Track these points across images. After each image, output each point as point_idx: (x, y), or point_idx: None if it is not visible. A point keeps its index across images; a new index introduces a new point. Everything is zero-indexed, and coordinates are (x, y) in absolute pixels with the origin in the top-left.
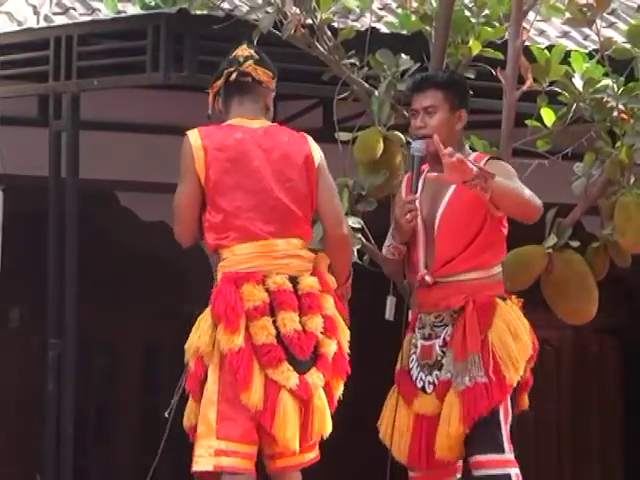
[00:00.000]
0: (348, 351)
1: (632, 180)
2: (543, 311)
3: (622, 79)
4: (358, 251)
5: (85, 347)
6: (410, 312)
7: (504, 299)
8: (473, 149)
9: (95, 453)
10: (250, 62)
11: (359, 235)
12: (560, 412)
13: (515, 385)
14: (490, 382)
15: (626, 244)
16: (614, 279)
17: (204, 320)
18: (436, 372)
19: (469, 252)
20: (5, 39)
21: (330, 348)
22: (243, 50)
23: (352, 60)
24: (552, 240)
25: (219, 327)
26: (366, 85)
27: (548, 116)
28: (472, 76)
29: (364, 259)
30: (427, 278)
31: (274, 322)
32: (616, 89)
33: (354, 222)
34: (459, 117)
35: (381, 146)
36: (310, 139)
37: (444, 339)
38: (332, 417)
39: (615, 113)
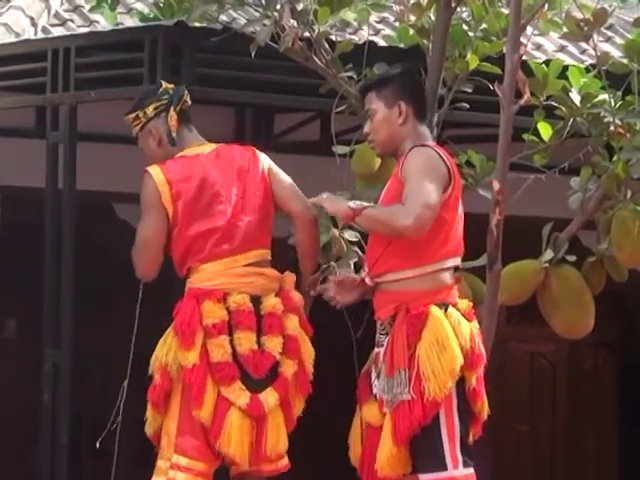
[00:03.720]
0: (311, 370)
1: (629, 195)
2: (539, 325)
3: (619, 94)
4: (355, 264)
5: (81, 358)
6: None
7: (445, 306)
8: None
9: (89, 464)
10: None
11: (356, 248)
12: (555, 425)
13: (440, 400)
14: (413, 399)
15: (623, 259)
16: (610, 294)
17: (170, 335)
18: (379, 382)
19: (392, 248)
20: (3, 50)
21: (289, 368)
22: (169, 82)
23: (349, 73)
24: (548, 255)
25: (175, 341)
26: None
27: (545, 130)
28: (469, 90)
29: (360, 272)
30: (367, 280)
31: (231, 341)
32: (613, 104)
33: (351, 235)
34: (399, 110)
35: (378, 159)
36: (256, 150)
37: (385, 348)
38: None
39: (612, 128)
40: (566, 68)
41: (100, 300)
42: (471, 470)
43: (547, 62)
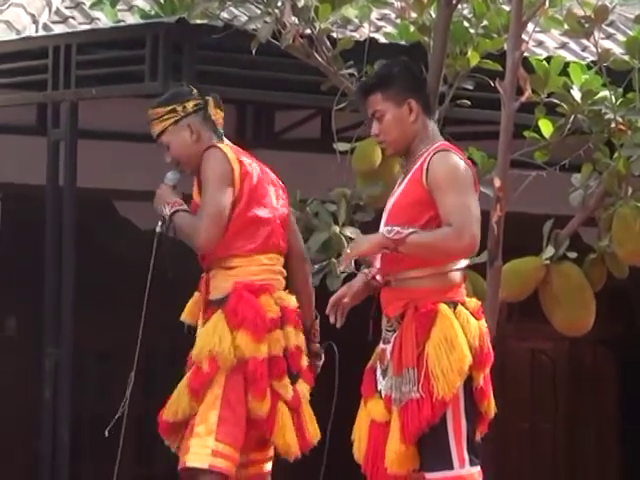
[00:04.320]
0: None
1: (630, 192)
2: (540, 322)
3: (620, 90)
4: (355, 262)
5: (80, 356)
6: None
7: (454, 304)
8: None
9: (90, 462)
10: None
11: None
12: (556, 422)
13: (448, 399)
14: (422, 398)
15: (623, 255)
16: (611, 290)
17: (221, 323)
18: (386, 379)
19: None
20: (4, 48)
21: (305, 361)
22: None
23: (350, 70)
24: (549, 252)
25: (241, 333)
26: None
27: (546, 127)
28: (470, 87)
29: (362, 268)
30: (377, 277)
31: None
32: (614, 101)
33: (352, 232)
34: (409, 108)
35: (379, 156)
36: None
37: (393, 346)
38: None
39: (613, 125)
40: (567, 65)
41: (100, 298)
42: (478, 468)
43: (548, 59)
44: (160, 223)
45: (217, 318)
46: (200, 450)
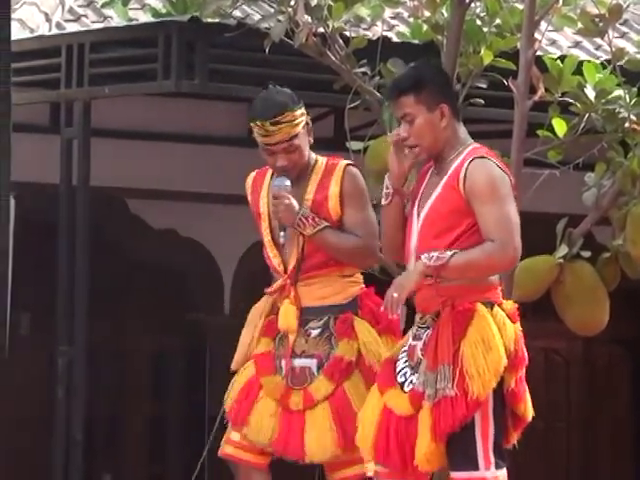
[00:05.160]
0: None
1: None
2: (553, 321)
3: (635, 90)
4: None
5: (94, 354)
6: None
7: (491, 305)
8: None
9: (104, 461)
10: None
11: None
12: (570, 422)
13: (482, 399)
14: (457, 396)
15: (637, 255)
16: (627, 290)
17: (367, 326)
18: (415, 375)
19: (447, 242)
20: (17, 46)
21: None
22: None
23: (363, 69)
24: (563, 250)
25: (385, 337)
26: (377, 94)
27: (560, 126)
28: (484, 86)
29: (375, 268)
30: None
31: None
32: (628, 100)
33: None
34: (441, 114)
35: None
36: None
37: (424, 342)
38: None
39: (627, 124)
40: (581, 64)
41: (113, 296)
42: (503, 472)
43: (562, 58)
44: (282, 233)
45: (360, 321)
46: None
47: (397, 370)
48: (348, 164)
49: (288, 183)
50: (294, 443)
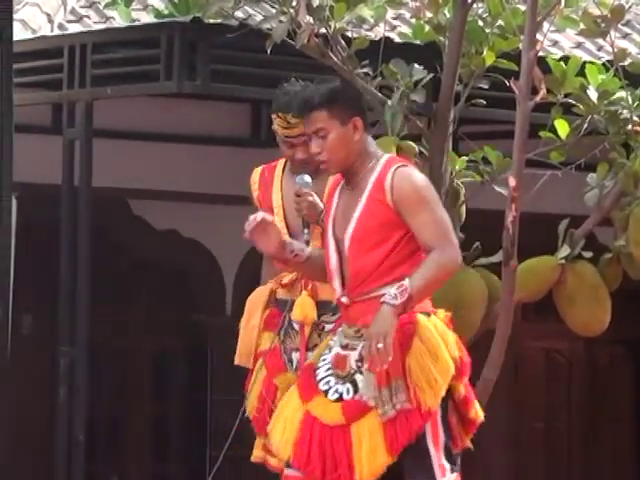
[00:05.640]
0: None
1: None
2: (555, 322)
3: (638, 92)
4: None
5: (96, 355)
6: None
7: (428, 314)
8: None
9: (106, 460)
10: None
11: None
12: (571, 423)
13: (435, 410)
14: (411, 409)
15: (639, 255)
16: (629, 291)
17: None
18: (348, 386)
19: (383, 268)
20: (19, 47)
21: None
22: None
23: (365, 70)
24: (564, 251)
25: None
26: (379, 95)
27: (562, 128)
28: (486, 86)
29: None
30: (343, 300)
31: None
32: (631, 101)
33: None
34: (354, 127)
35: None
36: None
37: (360, 354)
38: None
39: (629, 126)
40: (583, 65)
41: (115, 297)
42: (456, 475)
43: (564, 59)
44: (306, 230)
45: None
46: None
47: (318, 378)
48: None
49: (309, 180)
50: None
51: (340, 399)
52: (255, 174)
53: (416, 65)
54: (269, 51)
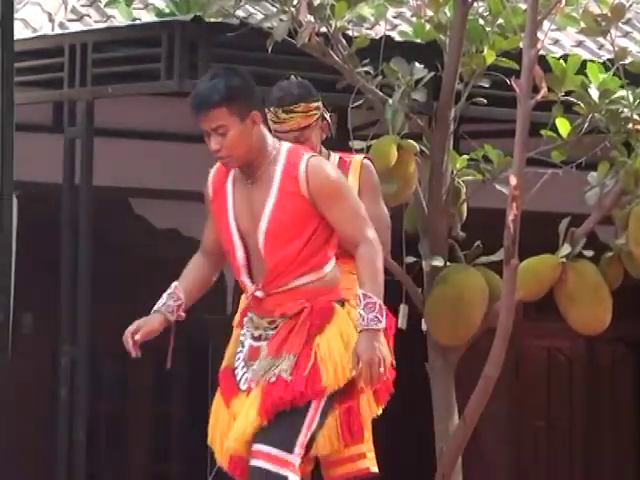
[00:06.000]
0: None
1: None
2: (556, 320)
3: (638, 91)
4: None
5: (96, 354)
6: (423, 321)
7: (342, 303)
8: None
9: (107, 460)
10: None
11: None
12: (572, 421)
13: (329, 391)
14: (295, 380)
15: None
16: (631, 289)
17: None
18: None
19: (301, 259)
20: (20, 46)
21: None
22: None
23: (366, 68)
24: (565, 250)
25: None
26: (380, 94)
27: (563, 126)
28: (486, 85)
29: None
30: (258, 294)
31: None
32: (632, 100)
33: None
34: (253, 121)
35: (395, 154)
36: None
37: (274, 335)
38: None
39: (630, 124)
40: (584, 63)
41: (116, 296)
42: (297, 461)
43: (565, 57)
44: None
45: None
46: (372, 455)
47: (237, 378)
48: (364, 158)
49: None
50: None
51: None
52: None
53: (417, 64)
54: (270, 50)
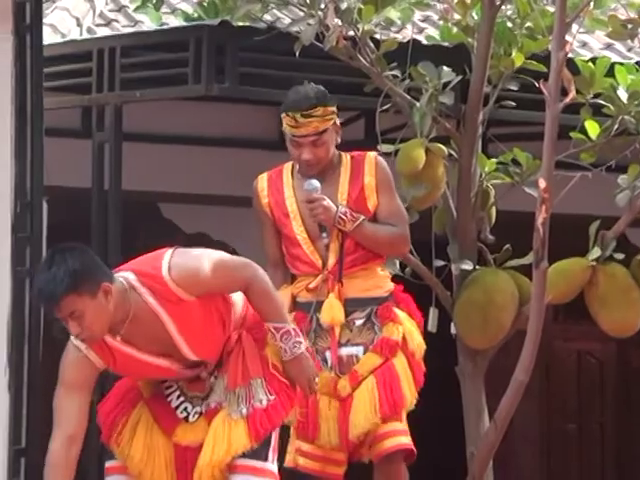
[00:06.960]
0: None
1: None
2: (587, 323)
3: None
4: (400, 263)
5: None
6: (452, 324)
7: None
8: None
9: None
10: None
11: None
12: (604, 424)
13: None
14: (274, 402)
15: None
16: None
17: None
18: (207, 401)
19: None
20: (49, 51)
21: None
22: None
23: (394, 72)
24: (596, 253)
25: (417, 330)
26: (408, 97)
27: (592, 129)
28: (515, 88)
29: (406, 271)
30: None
31: None
32: None
33: None
34: (105, 293)
35: (423, 158)
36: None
37: (224, 367)
38: None
39: None
40: (612, 66)
41: None
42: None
43: (593, 60)
44: (324, 234)
45: (400, 312)
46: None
47: (173, 406)
48: (376, 154)
49: (318, 185)
50: (344, 427)
51: (201, 415)
52: (262, 181)
53: (444, 67)
54: (297, 54)
